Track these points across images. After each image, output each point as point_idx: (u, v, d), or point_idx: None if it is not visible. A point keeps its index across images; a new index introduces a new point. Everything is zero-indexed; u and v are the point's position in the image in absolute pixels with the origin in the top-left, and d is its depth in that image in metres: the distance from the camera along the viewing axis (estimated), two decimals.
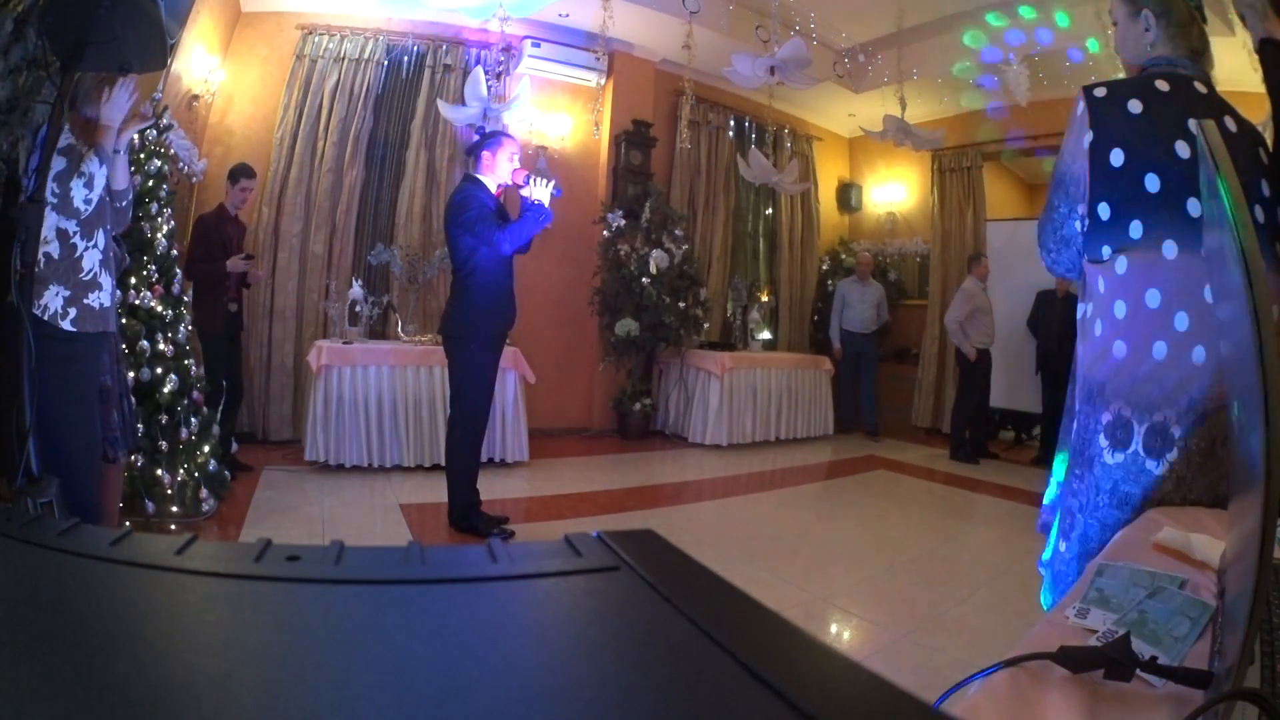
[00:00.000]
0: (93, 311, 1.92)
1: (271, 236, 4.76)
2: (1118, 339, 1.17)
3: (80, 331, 1.89)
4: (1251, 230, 0.49)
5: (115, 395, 2.26)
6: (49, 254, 1.82)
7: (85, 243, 1.89)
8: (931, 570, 3.01)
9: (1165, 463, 1.10)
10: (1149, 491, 1.12)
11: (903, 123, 5.44)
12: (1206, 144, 0.59)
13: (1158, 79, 1.19)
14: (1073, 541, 1.23)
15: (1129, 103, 1.17)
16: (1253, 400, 0.45)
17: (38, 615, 0.27)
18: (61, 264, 1.84)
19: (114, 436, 2.23)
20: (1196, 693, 0.57)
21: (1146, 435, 1.12)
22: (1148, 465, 1.12)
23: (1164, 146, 1.13)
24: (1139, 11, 1.26)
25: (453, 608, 0.30)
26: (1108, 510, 1.16)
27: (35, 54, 1.97)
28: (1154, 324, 1.13)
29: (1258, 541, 0.43)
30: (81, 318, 1.89)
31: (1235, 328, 0.52)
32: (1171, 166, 1.12)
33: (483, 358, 3.05)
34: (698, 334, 5.98)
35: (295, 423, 4.69)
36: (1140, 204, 1.14)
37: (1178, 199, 1.11)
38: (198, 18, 3.93)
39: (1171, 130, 1.13)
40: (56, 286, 1.84)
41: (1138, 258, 1.15)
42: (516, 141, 3.16)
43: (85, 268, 1.89)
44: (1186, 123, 1.12)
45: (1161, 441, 1.10)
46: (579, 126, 5.88)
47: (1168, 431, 1.10)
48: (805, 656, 0.27)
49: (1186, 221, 1.10)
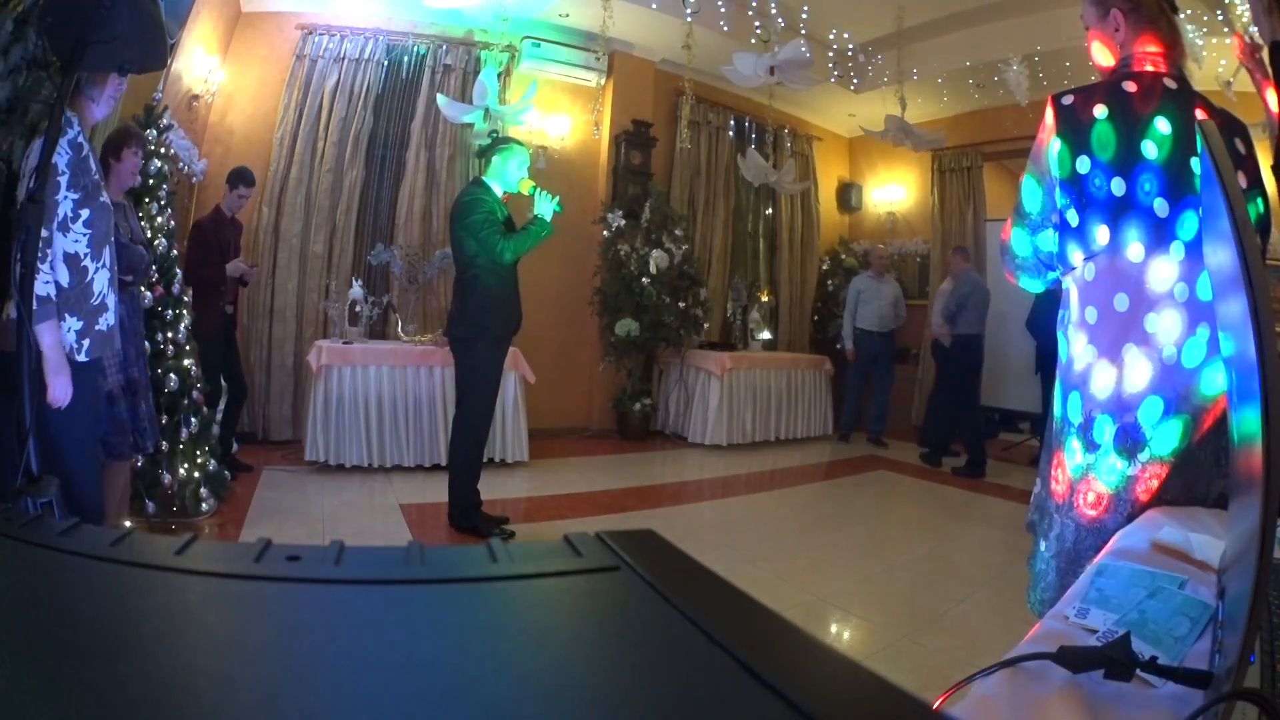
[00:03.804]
0: (102, 335, 1.83)
1: (271, 236, 4.76)
2: (1089, 343, 1.19)
3: (91, 359, 1.80)
4: (1252, 230, 0.49)
5: (142, 388, 2.33)
6: (59, 283, 1.69)
7: (95, 264, 1.78)
8: (931, 570, 3.00)
9: (1138, 463, 1.11)
10: (1121, 492, 1.12)
11: (903, 123, 5.44)
12: (1207, 145, 0.59)
13: (1125, 80, 1.19)
14: (1050, 541, 1.24)
15: (1094, 108, 1.17)
16: (1253, 400, 0.45)
17: (38, 615, 0.27)
18: (73, 292, 1.73)
19: (143, 427, 2.34)
20: (1196, 693, 0.57)
21: (1118, 436, 1.13)
22: (1119, 466, 1.12)
23: (1130, 149, 1.13)
24: (1108, 12, 1.26)
25: (453, 608, 0.30)
26: (1082, 510, 1.17)
27: (35, 54, 1.96)
28: (1123, 327, 1.14)
29: (1258, 541, 0.43)
30: (94, 346, 1.80)
31: (1235, 327, 0.52)
32: (1137, 169, 1.12)
33: (489, 359, 3.06)
34: (698, 334, 5.97)
35: (295, 423, 4.69)
36: (1107, 209, 1.14)
37: (1145, 200, 1.11)
38: (198, 18, 3.93)
39: (1138, 131, 1.13)
40: (69, 319, 1.72)
41: (1106, 262, 1.15)
42: (527, 151, 3.18)
43: (95, 291, 1.79)
44: (1155, 121, 1.12)
45: (1133, 442, 1.11)
46: (579, 126, 5.88)
47: (1139, 432, 1.11)
48: (805, 656, 0.27)
49: (1154, 223, 1.11)
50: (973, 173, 6.78)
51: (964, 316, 5.13)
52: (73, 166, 1.67)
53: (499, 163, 3.06)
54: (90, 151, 1.77)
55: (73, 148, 1.68)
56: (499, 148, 3.11)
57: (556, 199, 3.04)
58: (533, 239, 2.98)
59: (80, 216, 1.71)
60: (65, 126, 1.67)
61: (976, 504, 4.35)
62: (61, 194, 1.67)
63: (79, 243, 1.72)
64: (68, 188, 1.68)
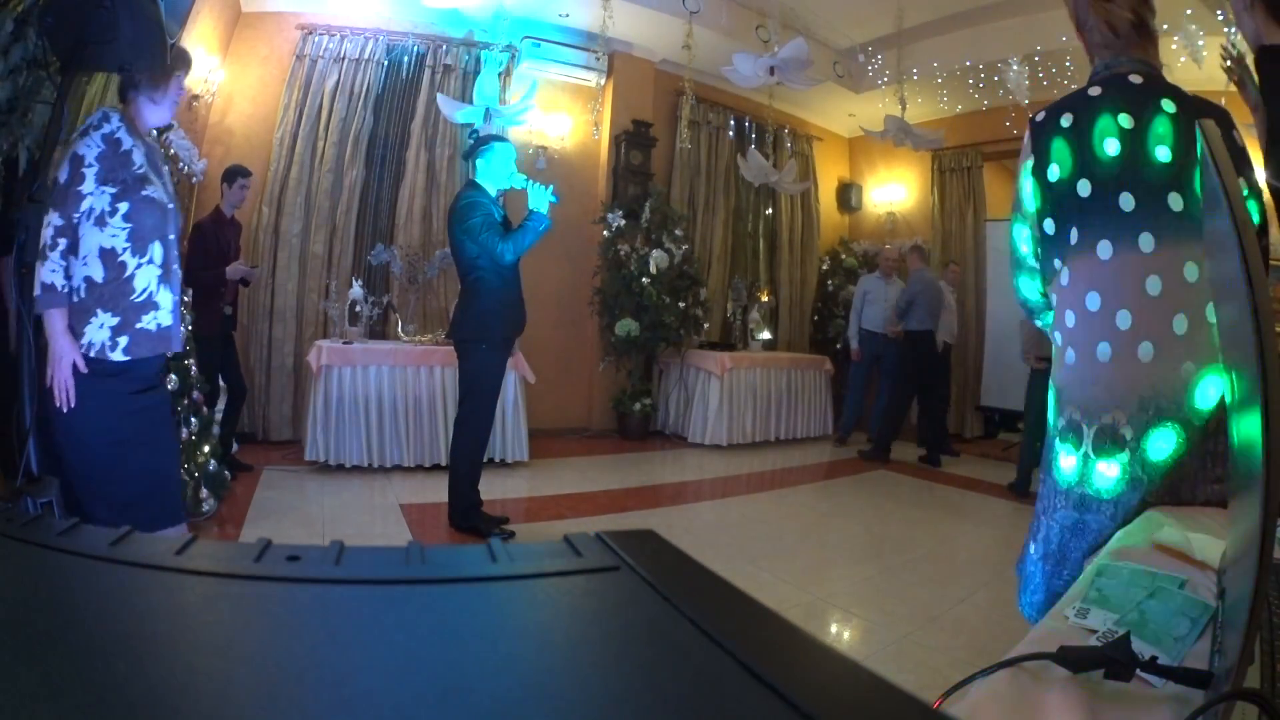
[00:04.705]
0: (149, 335, 1.71)
1: (271, 236, 4.76)
2: (1069, 347, 1.19)
3: (135, 359, 1.69)
4: (1252, 230, 0.49)
5: None
6: (90, 278, 1.62)
7: (138, 259, 1.68)
8: (931, 570, 3.00)
9: (1117, 463, 1.10)
10: (1102, 493, 1.11)
11: (903, 123, 5.44)
12: (1207, 144, 0.59)
13: (1091, 86, 1.21)
14: (1038, 543, 1.24)
15: (1061, 118, 1.20)
16: (1252, 400, 0.45)
17: (38, 615, 0.27)
18: (108, 288, 1.64)
19: None
20: (1196, 693, 0.57)
21: (1095, 437, 1.12)
22: (1099, 467, 1.12)
23: (1092, 150, 1.15)
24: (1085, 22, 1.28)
25: (453, 608, 0.30)
26: (1065, 512, 1.17)
27: (35, 54, 1.95)
28: (1097, 326, 1.14)
29: (1258, 541, 0.43)
30: (135, 344, 1.68)
31: (1235, 327, 0.52)
32: (1100, 167, 1.14)
33: (492, 361, 3.06)
34: (698, 334, 5.97)
35: (295, 423, 4.69)
36: (1075, 210, 1.17)
37: (1110, 197, 1.13)
38: (198, 18, 3.93)
39: (1100, 131, 1.14)
40: (101, 314, 1.63)
41: (1077, 263, 1.17)
42: (512, 145, 3.17)
43: (138, 288, 1.68)
44: (1117, 118, 1.13)
45: (1111, 442, 1.10)
46: (579, 126, 5.88)
47: (1118, 432, 1.10)
48: (805, 656, 0.27)
49: (1120, 219, 1.11)
50: (973, 173, 6.78)
51: (914, 313, 5.39)
52: (104, 160, 1.63)
53: (483, 164, 3.06)
54: (137, 146, 1.71)
55: (107, 142, 1.64)
56: (480, 150, 3.09)
57: (550, 188, 3.03)
58: (532, 234, 2.96)
59: (118, 211, 1.65)
60: (102, 121, 1.65)
61: (976, 504, 4.35)
62: (93, 188, 1.61)
63: (116, 237, 1.65)
64: (99, 182, 1.62)
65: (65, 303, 1.61)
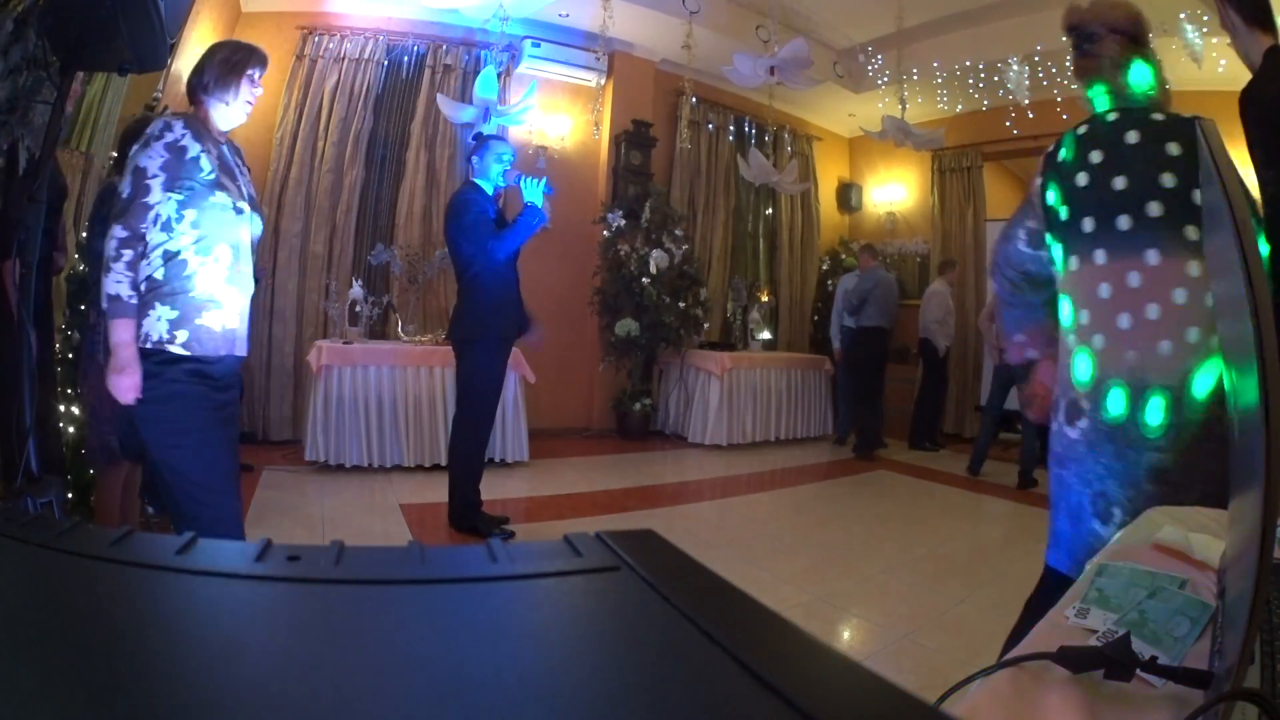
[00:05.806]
0: (211, 334, 1.69)
1: (271, 236, 4.76)
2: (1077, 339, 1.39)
3: (194, 355, 1.67)
4: (1252, 230, 0.49)
5: None
6: (152, 277, 1.64)
7: (203, 259, 1.68)
8: (931, 570, 3.00)
9: (1077, 429, 1.35)
10: (1066, 451, 1.38)
11: (903, 123, 5.44)
12: (1206, 146, 0.59)
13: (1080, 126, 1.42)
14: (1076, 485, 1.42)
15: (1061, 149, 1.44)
16: (1252, 399, 0.45)
17: (38, 615, 0.27)
18: (167, 285, 1.64)
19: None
20: (1196, 693, 0.57)
21: (1066, 409, 1.39)
22: (1066, 431, 1.39)
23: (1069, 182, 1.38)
24: None
25: (453, 608, 0.30)
26: (1054, 467, 1.44)
27: (35, 54, 1.95)
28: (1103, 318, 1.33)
29: (1258, 541, 0.43)
30: (196, 340, 1.67)
31: (1235, 325, 0.52)
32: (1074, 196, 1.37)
33: (492, 359, 3.06)
34: (698, 334, 5.97)
35: (295, 423, 4.69)
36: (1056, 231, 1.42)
37: (1076, 221, 1.36)
38: (198, 18, 3.93)
39: (1074, 167, 1.38)
40: (160, 307, 1.64)
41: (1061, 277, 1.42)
42: (509, 144, 3.19)
43: (199, 285, 1.67)
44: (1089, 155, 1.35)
45: (1075, 413, 1.36)
46: (579, 126, 5.88)
47: (1078, 405, 1.35)
48: (805, 656, 0.27)
49: (1081, 238, 1.35)
50: (973, 173, 6.78)
51: (867, 310, 5.66)
52: (169, 169, 1.63)
53: (478, 162, 3.08)
54: (206, 152, 1.69)
55: (170, 151, 1.64)
56: (477, 148, 3.13)
57: (543, 181, 3.02)
58: (524, 230, 2.95)
59: (185, 217, 1.66)
60: (164, 131, 1.65)
61: (977, 504, 4.35)
62: (160, 197, 1.63)
63: (181, 240, 1.66)
64: (165, 190, 1.63)
65: (132, 313, 1.62)
